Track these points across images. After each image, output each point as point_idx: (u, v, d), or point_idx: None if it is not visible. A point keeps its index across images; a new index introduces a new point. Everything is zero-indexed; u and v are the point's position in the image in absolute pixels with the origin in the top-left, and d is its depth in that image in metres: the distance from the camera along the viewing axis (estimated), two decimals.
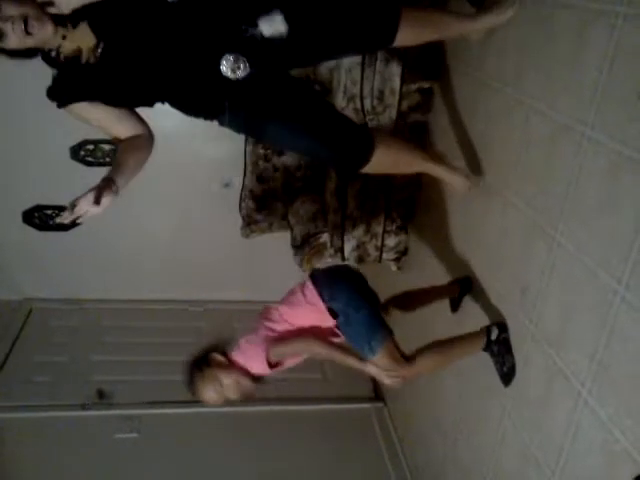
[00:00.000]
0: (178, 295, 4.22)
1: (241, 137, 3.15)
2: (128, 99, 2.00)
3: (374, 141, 2.11)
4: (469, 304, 2.53)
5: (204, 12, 1.92)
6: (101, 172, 3.53)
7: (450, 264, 2.74)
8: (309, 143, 2.12)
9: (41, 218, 3.91)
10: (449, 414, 2.78)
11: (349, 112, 2.75)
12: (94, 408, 3.46)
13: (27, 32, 1.72)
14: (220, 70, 1.90)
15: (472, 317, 2.48)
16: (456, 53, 2.67)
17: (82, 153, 3.66)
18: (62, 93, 1.92)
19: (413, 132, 2.93)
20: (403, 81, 2.76)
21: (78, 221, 1.75)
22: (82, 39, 1.85)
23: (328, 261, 3.15)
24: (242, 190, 3.35)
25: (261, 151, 3.22)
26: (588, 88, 1.73)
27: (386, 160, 2.15)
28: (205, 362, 2.15)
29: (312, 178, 3.26)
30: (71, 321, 4.06)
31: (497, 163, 2.32)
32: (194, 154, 3.68)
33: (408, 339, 2.29)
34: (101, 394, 3.53)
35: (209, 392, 2.12)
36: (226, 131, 3.39)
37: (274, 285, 4.20)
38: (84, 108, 1.94)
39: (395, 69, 2.72)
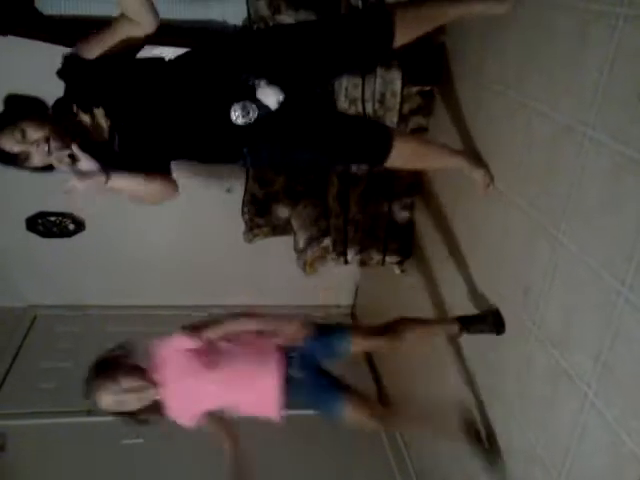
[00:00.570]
0: (182, 301, 4.22)
1: None
2: (147, 164, 2.02)
3: (391, 134, 2.16)
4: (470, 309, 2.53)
5: (203, 66, 1.98)
6: None
7: (452, 266, 2.73)
8: (333, 158, 2.21)
9: (45, 225, 3.91)
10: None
11: None
12: (100, 414, 3.44)
13: (49, 152, 1.85)
14: (231, 119, 1.94)
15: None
16: (457, 56, 2.68)
17: None
18: None
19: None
20: (404, 84, 2.76)
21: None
22: (99, 125, 1.94)
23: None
24: (244, 195, 3.35)
25: None
26: (589, 89, 1.73)
27: (407, 151, 2.19)
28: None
29: (314, 182, 3.26)
30: (75, 327, 4.07)
31: (500, 165, 2.32)
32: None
33: None
34: None
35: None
36: None
37: (278, 289, 4.24)
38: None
39: (396, 72, 2.72)
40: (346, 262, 3.29)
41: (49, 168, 1.95)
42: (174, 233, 3.94)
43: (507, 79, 2.24)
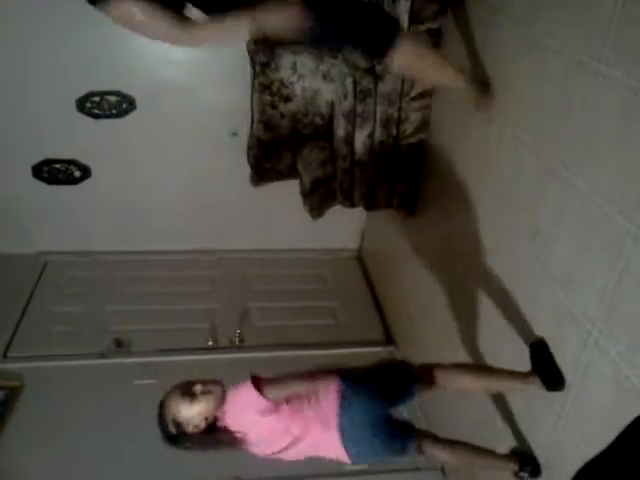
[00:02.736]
0: (190, 245, 4.25)
1: (248, 85, 3.11)
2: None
3: (399, 28, 2.19)
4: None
5: None
6: (108, 123, 3.63)
7: (461, 210, 2.72)
8: (337, 28, 2.10)
9: (50, 172, 3.91)
10: (460, 356, 2.82)
11: None
12: (112, 356, 3.54)
13: None
14: None
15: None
16: None
17: (88, 105, 3.63)
18: None
19: None
20: (411, 21, 2.68)
21: None
22: None
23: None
24: (249, 138, 3.32)
25: (268, 98, 3.18)
26: (603, 23, 1.68)
27: (411, 51, 2.19)
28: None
29: (320, 125, 3.22)
30: (86, 273, 4.12)
31: (510, 102, 2.28)
32: (201, 104, 3.63)
33: None
34: (119, 343, 3.61)
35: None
36: (233, 79, 3.39)
37: (284, 233, 4.26)
38: (123, 6, 1.80)
39: (403, 5, 2.65)
40: (352, 205, 3.28)
41: None
42: (180, 178, 3.93)
43: (518, 14, 2.18)
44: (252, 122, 3.25)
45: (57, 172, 3.91)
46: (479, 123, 2.51)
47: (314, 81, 3.04)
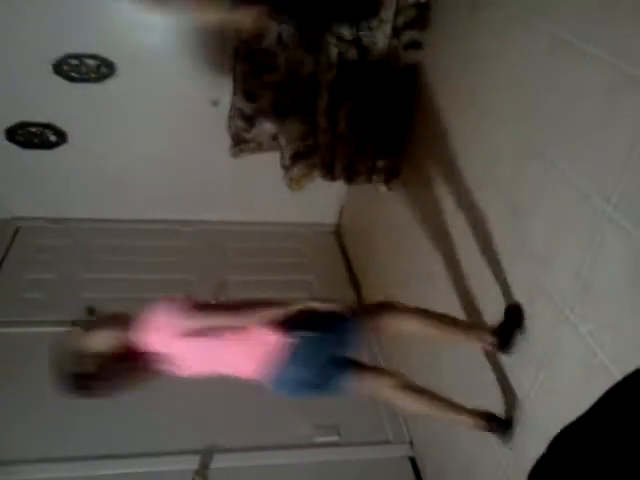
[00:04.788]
0: (167, 215, 4.21)
1: (230, 54, 3.06)
2: None
3: None
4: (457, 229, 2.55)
5: None
6: (86, 88, 3.55)
7: (442, 186, 2.73)
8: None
9: (25, 136, 3.82)
10: None
11: None
12: (84, 325, 3.50)
13: None
14: None
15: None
16: None
17: (65, 68, 3.53)
18: None
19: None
20: None
21: None
22: None
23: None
24: (230, 109, 3.28)
25: (250, 67, 3.13)
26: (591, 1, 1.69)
27: None
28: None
29: (303, 97, 3.19)
30: (58, 240, 4.05)
31: (492, 80, 2.28)
32: (180, 72, 3.57)
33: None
34: (91, 311, 3.57)
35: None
36: (215, 47, 3.33)
37: (263, 205, 4.24)
38: None
39: None
40: (333, 179, 3.27)
41: None
42: (159, 146, 3.87)
43: None
44: (233, 92, 3.21)
45: (32, 136, 3.81)
46: (460, 106, 2.51)
47: (298, 52, 3.00)
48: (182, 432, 2.94)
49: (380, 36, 2.76)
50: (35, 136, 3.82)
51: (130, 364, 1.88)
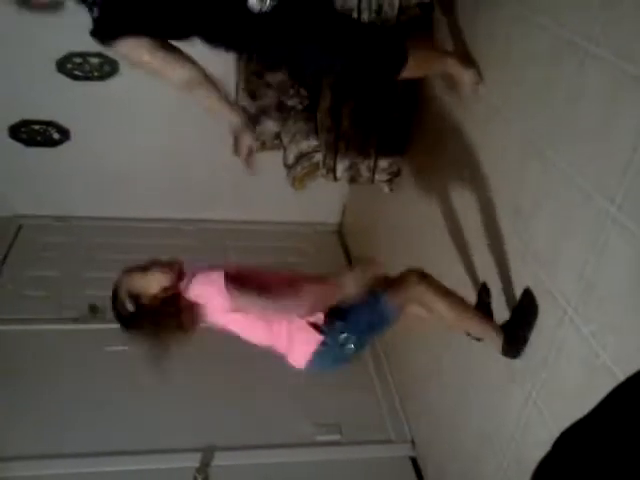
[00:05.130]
0: (169, 214, 4.21)
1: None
2: (163, 29, 2.00)
3: (407, 51, 2.17)
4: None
5: None
6: (89, 86, 3.55)
7: (444, 186, 2.73)
8: (345, 59, 2.15)
9: (28, 133, 3.83)
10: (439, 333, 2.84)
11: None
12: (86, 322, 3.51)
13: None
14: (247, 4, 1.91)
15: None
16: None
17: (69, 66, 3.54)
18: (106, 30, 1.93)
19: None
20: None
21: None
22: None
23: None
24: None
25: (253, 67, 3.14)
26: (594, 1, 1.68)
27: (412, 64, 2.21)
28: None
29: (306, 96, 3.19)
30: (61, 238, 4.06)
31: (497, 79, 2.28)
32: None
33: None
34: (93, 309, 3.58)
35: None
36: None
37: (266, 204, 4.24)
38: (131, 46, 1.94)
39: None
40: (335, 178, 3.27)
41: None
42: (162, 145, 3.87)
43: None
44: (237, 91, 3.21)
45: (35, 133, 3.82)
46: (465, 103, 2.51)
47: None
48: (183, 430, 2.94)
49: None
50: (38, 134, 3.83)
51: (177, 310, 1.90)
